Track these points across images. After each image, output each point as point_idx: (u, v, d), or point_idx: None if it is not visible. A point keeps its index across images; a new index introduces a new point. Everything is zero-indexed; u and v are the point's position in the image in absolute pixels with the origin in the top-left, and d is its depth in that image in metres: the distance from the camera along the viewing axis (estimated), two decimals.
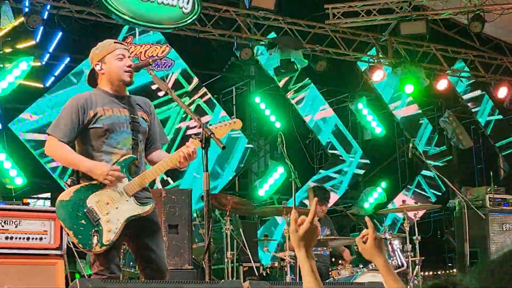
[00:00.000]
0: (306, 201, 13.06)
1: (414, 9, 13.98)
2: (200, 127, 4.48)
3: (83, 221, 4.80)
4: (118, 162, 4.95)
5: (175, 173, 12.80)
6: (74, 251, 8.09)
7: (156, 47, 12.85)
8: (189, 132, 13.25)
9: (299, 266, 7.42)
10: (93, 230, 4.78)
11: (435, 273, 18.87)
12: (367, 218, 3.35)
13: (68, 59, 13.66)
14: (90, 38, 13.32)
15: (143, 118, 5.19)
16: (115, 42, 5.27)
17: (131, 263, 8.42)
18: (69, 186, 4.96)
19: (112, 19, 11.96)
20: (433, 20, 14.41)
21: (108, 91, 5.14)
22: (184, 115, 13.18)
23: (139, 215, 4.91)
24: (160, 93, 6.10)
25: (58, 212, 4.88)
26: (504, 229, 9.84)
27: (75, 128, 4.98)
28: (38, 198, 14.97)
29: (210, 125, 4.94)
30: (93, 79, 5.27)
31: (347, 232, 14.76)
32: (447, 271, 17.85)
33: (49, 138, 5.03)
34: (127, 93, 5.25)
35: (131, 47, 12.19)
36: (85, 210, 4.83)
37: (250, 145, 14.75)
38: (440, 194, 16.28)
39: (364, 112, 15.68)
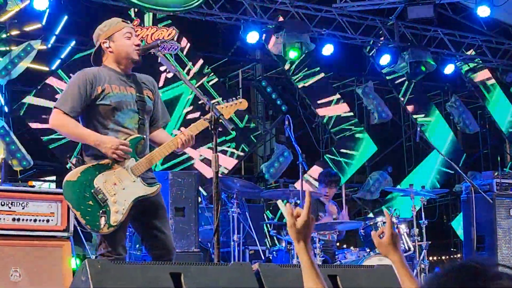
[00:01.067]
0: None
1: None
2: (209, 108, 4.46)
3: (90, 202, 4.77)
4: (126, 141, 4.92)
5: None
6: (80, 233, 8.12)
7: (162, 30, 12.79)
8: (189, 116, 13.23)
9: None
10: (101, 211, 4.76)
11: (440, 257, 18.92)
12: (386, 212, 3.34)
13: (74, 42, 13.63)
14: (96, 21, 13.32)
15: (148, 97, 5.16)
16: (122, 21, 5.24)
17: (137, 246, 8.43)
18: (74, 165, 4.92)
19: (118, 2, 11.93)
20: (441, 4, 14.34)
21: (114, 68, 5.10)
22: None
23: (146, 196, 4.89)
24: (169, 75, 6.08)
25: (65, 192, 4.84)
26: (511, 214, 9.80)
27: (82, 102, 4.93)
28: (44, 181, 15.02)
29: (217, 104, 4.90)
30: (98, 58, 5.22)
31: (353, 216, 14.75)
32: (452, 256, 17.88)
33: (55, 111, 4.95)
34: (131, 71, 5.22)
35: (137, 30, 12.15)
36: (92, 191, 4.79)
37: None
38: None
39: (370, 96, 15.64)
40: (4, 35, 11.95)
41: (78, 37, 13.56)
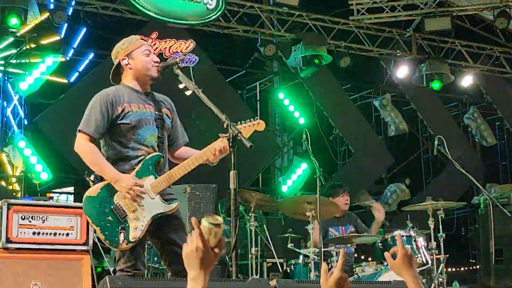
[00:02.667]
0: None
1: (439, 5, 13.95)
2: (227, 126, 4.49)
3: (110, 218, 4.83)
4: (145, 160, 4.96)
5: None
6: (100, 247, 8.16)
7: (181, 43, 12.86)
8: None
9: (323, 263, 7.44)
10: (120, 227, 4.81)
11: (457, 269, 18.84)
12: (398, 236, 3.40)
13: (92, 54, 13.75)
14: (114, 34, 13.44)
15: (167, 115, 5.20)
16: (141, 38, 5.29)
17: (156, 258, 8.46)
18: (93, 182, 4.98)
19: (136, 15, 12.02)
20: (458, 16, 14.35)
21: (133, 87, 5.15)
22: None
23: (165, 213, 4.93)
24: (187, 92, 5.99)
25: (85, 208, 4.91)
26: None
27: (105, 124, 4.99)
28: (61, 193, 15.09)
29: (234, 124, 4.92)
30: (116, 75, 5.27)
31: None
32: (471, 268, 17.80)
33: (79, 135, 5.02)
34: (149, 90, 5.25)
35: (155, 43, 12.23)
36: (112, 207, 4.85)
37: None
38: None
39: (388, 108, 15.65)
40: (24, 48, 12.07)
41: (96, 50, 13.67)
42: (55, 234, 6.42)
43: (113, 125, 5.02)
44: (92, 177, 4.98)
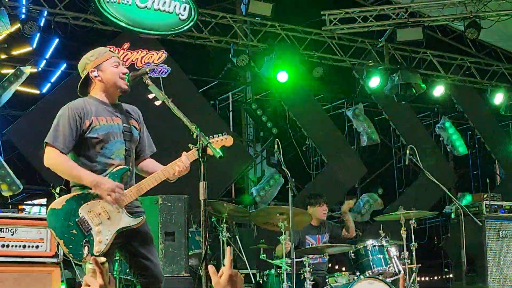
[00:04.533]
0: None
1: (411, 15, 14.03)
2: (197, 136, 4.47)
3: (74, 231, 4.76)
4: (111, 173, 4.90)
5: None
6: (71, 259, 8.09)
7: (153, 54, 12.82)
8: None
9: (295, 274, 7.43)
10: (84, 241, 4.75)
11: (431, 278, 18.92)
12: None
13: (64, 65, 13.66)
14: (86, 45, 13.38)
15: (134, 127, 5.15)
16: (109, 51, 5.25)
17: (127, 270, 8.40)
18: (59, 195, 4.92)
19: (108, 26, 11.97)
20: (430, 26, 14.46)
21: (101, 99, 5.09)
22: None
23: (130, 227, 4.88)
24: (157, 102, 5.99)
25: (49, 220, 4.82)
26: (501, 236, 9.84)
27: (73, 138, 4.92)
28: (34, 205, 14.97)
29: (203, 135, 4.89)
30: (84, 87, 5.21)
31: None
32: (443, 277, 17.89)
33: (48, 149, 4.92)
34: (117, 101, 5.20)
35: (127, 53, 12.19)
36: (76, 220, 4.78)
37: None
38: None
39: (360, 119, 15.69)
40: None
41: (69, 61, 13.59)
42: (24, 246, 6.36)
43: (80, 139, 4.96)
44: (57, 189, 4.93)
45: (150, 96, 4.99)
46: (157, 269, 5.03)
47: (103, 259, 2.87)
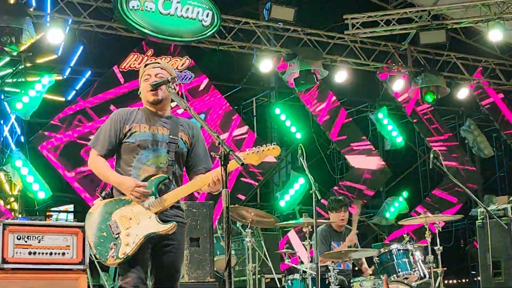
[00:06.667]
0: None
1: (434, 18, 14.00)
2: (219, 144, 4.50)
3: (104, 234, 4.91)
4: (150, 180, 4.99)
5: None
6: (97, 265, 8.17)
7: (176, 60, 12.92)
8: None
9: (320, 278, 7.44)
10: (112, 243, 4.86)
11: (459, 281, 18.80)
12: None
13: (89, 72, 13.79)
14: (110, 52, 13.51)
15: (183, 140, 5.19)
16: (146, 65, 5.30)
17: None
18: (103, 198, 5.06)
19: (132, 33, 12.06)
20: (453, 28, 14.40)
21: (151, 109, 5.20)
22: None
23: (158, 233, 4.92)
24: (179, 110, 6.13)
25: (86, 223, 5.03)
26: None
27: (112, 141, 5.10)
28: (61, 211, 15.10)
29: (250, 149, 4.95)
30: None
31: (369, 242, 14.73)
32: (472, 280, 17.77)
33: (91, 151, 5.17)
34: (169, 112, 5.24)
35: (151, 60, 12.24)
36: (108, 223, 4.93)
37: None
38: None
39: (385, 122, 15.68)
40: (20, 67, 12.12)
41: (93, 68, 13.72)
42: (51, 253, 6.44)
43: (120, 144, 5.11)
44: (103, 194, 5.06)
45: (172, 104, 5.04)
46: None
47: None
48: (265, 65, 13.19)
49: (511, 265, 9.71)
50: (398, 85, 14.56)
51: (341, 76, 13.82)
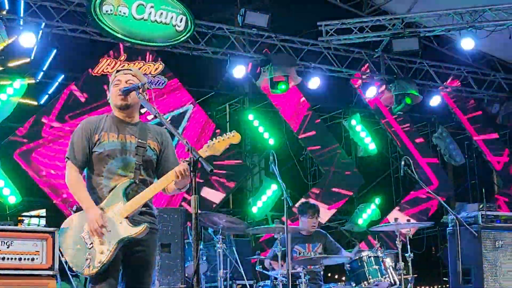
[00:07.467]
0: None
1: (407, 26, 14.08)
2: (188, 150, 4.50)
3: (78, 246, 4.92)
4: (116, 188, 4.97)
5: None
6: (67, 270, 8.11)
7: (149, 65, 12.90)
8: None
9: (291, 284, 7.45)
10: (87, 254, 4.85)
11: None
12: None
13: (62, 76, 13.70)
14: (84, 56, 13.44)
15: (150, 147, 5.16)
16: (117, 71, 5.27)
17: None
18: (74, 212, 5.04)
19: (105, 37, 12.01)
20: (426, 36, 14.50)
21: (119, 116, 5.17)
22: None
23: (131, 237, 4.90)
24: (149, 117, 6.12)
25: (60, 239, 5.05)
26: (497, 246, 9.80)
27: (86, 152, 5.07)
28: (32, 216, 14.97)
29: (210, 140, 4.93)
30: None
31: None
32: (443, 286, 17.87)
33: (66, 164, 5.11)
34: (137, 119, 5.22)
35: (124, 65, 12.20)
36: (81, 235, 4.93)
37: None
38: None
39: (358, 129, 15.74)
40: None
41: (66, 72, 13.63)
42: (20, 259, 6.38)
43: (90, 153, 5.08)
44: (74, 208, 5.03)
45: (142, 110, 5.03)
46: None
47: None
48: (239, 70, 13.20)
49: (481, 273, 9.76)
50: (371, 92, 14.63)
51: (315, 82, 13.86)
